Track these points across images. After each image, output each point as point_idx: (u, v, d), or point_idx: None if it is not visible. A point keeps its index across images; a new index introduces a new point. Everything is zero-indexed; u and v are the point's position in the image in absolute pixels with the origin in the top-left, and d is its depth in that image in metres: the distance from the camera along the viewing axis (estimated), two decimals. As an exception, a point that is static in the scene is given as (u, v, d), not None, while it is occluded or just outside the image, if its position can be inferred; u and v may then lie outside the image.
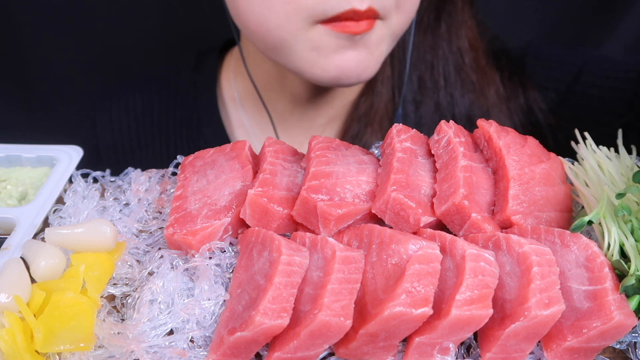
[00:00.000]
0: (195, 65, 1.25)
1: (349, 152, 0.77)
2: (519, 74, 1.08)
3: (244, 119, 1.21)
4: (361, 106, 1.14)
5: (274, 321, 0.57)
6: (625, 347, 0.63)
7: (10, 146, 0.87)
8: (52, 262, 0.65)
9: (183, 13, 1.59)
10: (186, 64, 1.26)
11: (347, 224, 0.70)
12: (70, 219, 0.76)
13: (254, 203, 0.69)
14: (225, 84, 1.23)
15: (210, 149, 0.82)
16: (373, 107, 1.13)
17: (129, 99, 1.25)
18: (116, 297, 0.68)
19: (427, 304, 0.57)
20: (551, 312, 0.58)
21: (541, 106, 1.12)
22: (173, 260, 0.69)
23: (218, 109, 1.21)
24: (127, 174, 0.83)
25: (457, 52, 1.10)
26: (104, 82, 1.38)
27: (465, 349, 0.63)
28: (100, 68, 1.58)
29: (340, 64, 0.94)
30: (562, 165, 0.75)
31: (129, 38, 1.54)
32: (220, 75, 1.24)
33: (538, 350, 0.62)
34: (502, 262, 0.62)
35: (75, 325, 0.59)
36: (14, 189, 0.82)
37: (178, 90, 1.24)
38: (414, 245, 0.61)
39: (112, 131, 1.25)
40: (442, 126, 0.75)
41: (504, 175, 0.70)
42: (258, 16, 0.93)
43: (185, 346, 0.61)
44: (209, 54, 1.26)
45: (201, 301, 0.64)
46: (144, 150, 1.24)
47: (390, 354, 0.61)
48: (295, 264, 0.61)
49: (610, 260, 0.63)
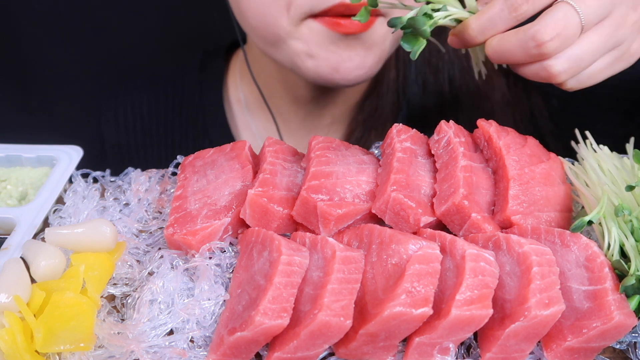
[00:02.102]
0: (201, 65, 1.25)
1: (349, 152, 0.77)
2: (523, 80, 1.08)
3: (250, 121, 1.21)
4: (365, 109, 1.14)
5: (274, 321, 0.57)
6: (625, 347, 0.63)
7: (10, 146, 0.87)
8: (52, 262, 0.65)
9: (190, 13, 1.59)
10: (192, 64, 1.26)
11: (347, 224, 0.70)
12: (70, 219, 0.76)
13: (254, 203, 0.69)
14: (232, 85, 1.23)
15: (210, 149, 0.82)
16: (377, 110, 1.12)
17: (135, 99, 1.25)
18: (116, 297, 0.68)
19: (427, 304, 0.57)
20: (551, 312, 0.58)
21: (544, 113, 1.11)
22: (173, 260, 0.69)
23: (224, 109, 1.20)
24: (127, 174, 0.83)
25: (462, 56, 1.10)
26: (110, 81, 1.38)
27: (465, 349, 0.63)
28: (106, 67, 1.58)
29: (334, 64, 0.93)
30: (562, 165, 0.75)
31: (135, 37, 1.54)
32: (226, 76, 1.24)
33: (538, 350, 0.62)
34: (502, 262, 0.62)
35: (75, 325, 0.59)
36: (14, 189, 0.82)
37: (184, 90, 1.24)
38: (414, 245, 0.61)
39: (118, 130, 1.25)
40: (442, 126, 0.75)
41: (504, 175, 0.70)
42: (255, 11, 0.94)
43: (185, 346, 0.61)
44: (216, 55, 1.25)
45: (201, 301, 0.64)
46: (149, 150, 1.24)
47: (390, 354, 0.61)
48: (295, 264, 0.61)
49: (610, 260, 0.63)
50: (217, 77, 1.23)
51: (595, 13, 0.68)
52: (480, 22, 0.73)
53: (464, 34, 0.75)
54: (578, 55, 0.70)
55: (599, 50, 0.70)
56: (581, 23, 0.68)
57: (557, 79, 0.71)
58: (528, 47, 0.69)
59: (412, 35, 0.70)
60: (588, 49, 0.70)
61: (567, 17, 0.67)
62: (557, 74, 0.70)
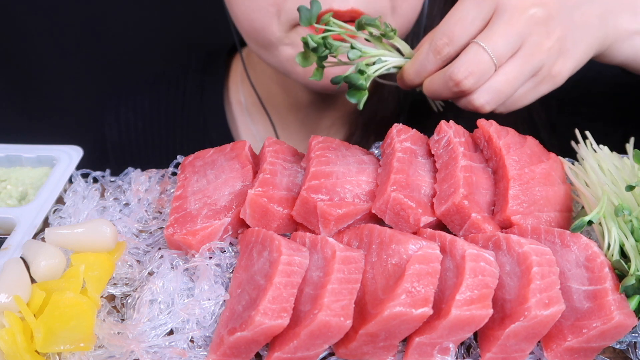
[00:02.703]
0: (203, 67, 1.25)
1: (349, 152, 0.77)
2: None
3: (250, 122, 1.21)
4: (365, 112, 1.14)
5: (274, 321, 0.57)
6: (625, 347, 0.63)
7: (10, 146, 0.87)
8: (52, 262, 0.65)
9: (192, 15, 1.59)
10: (194, 65, 1.26)
11: (347, 224, 0.70)
12: (70, 219, 0.76)
13: (254, 203, 0.69)
14: (233, 87, 1.23)
15: (210, 149, 0.82)
16: (378, 114, 1.12)
17: (137, 99, 1.25)
18: (116, 297, 0.68)
19: (427, 304, 0.57)
20: (551, 312, 0.58)
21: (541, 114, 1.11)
22: (173, 260, 0.69)
23: (224, 111, 1.21)
24: (127, 174, 0.84)
25: None
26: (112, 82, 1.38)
27: (465, 349, 0.63)
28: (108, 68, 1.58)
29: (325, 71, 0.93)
30: (562, 165, 0.75)
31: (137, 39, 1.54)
32: (227, 78, 1.24)
33: (538, 350, 0.62)
34: (502, 262, 0.62)
35: (75, 325, 0.59)
36: (14, 189, 0.82)
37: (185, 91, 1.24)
38: (414, 245, 0.61)
39: (120, 131, 1.25)
40: (442, 126, 0.75)
41: (504, 175, 0.70)
42: (247, 17, 0.94)
43: (185, 346, 0.61)
44: (217, 57, 1.25)
45: (201, 301, 0.64)
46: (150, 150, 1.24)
47: (390, 354, 0.61)
48: (295, 264, 0.61)
49: (610, 260, 0.63)
50: (218, 79, 1.23)
51: (505, 48, 0.73)
52: (413, 67, 0.80)
53: (404, 78, 0.83)
54: (496, 88, 0.75)
55: (517, 79, 0.75)
56: (492, 59, 0.73)
57: (482, 110, 0.77)
58: (449, 86, 0.76)
59: (354, 89, 0.78)
60: (505, 79, 0.75)
61: (477, 55, 0.73)
62: (480, 106, 0.77)
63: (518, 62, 0.75)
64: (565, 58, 0.77)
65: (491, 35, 0.74)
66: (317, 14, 0.81)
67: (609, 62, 0.84)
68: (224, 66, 1.24)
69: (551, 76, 0.78)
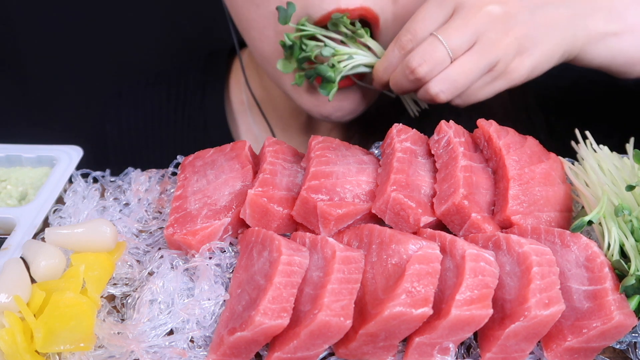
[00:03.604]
0: (204, 66, 1.25)
1: (349, 152, 0.77)
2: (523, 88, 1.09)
3: (251, 122, 1.21)
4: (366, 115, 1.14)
5: (274, 321, 0.57)
6: (625, 347, 0.63)
7: (10, 146, 0.87)
8: (52, 262, 0.65)
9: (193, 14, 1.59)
10: (195, 65, 1.26)
11: (347, 224, 0.70)
12: (70, 219, 0.76)
13: (254, 203, 0.69)
14: (234, 87, 1.23)
15: (210, 149, 0.82)
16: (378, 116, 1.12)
17: (137, 99, 1.25)
18: (116, 297, 0.68)
19: (427, 304, 0.57)
20: (551, 312, 0.57)
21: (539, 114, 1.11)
22: (173, 260, 0.69)
23: (225, 111, 1.20)
24: (127, 174, 0.83)
25: None
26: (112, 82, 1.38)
27: (465, 349, 0.63)
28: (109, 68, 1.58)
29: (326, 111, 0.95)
30: (562, 165, 0.75)
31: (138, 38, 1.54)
32: (229, 78, 1.24)
33: (538, 350, 0.62)
34: (502, 262, 0.62)
35: (75, 325, 0.59)
36: (14, 189, 0.82)
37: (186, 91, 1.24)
38: (414, 245, 0.61)
39: (120, 131, 1.25)
40: (442, 126, 0.75)
41: (504, 175, 0.70)
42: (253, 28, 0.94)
43: (185, 346, 0.61)
44: (219, 56, 1.25)
45: (201, 301, 0.64)
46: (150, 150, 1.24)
47: (390, 354, 0.61)
48: (295, 264, 0.61)
49: (610, 260, 0.63)
50: (220, 79, 1.22)
51: (459, 40, 0.77)
52: (383, 64, 0.85)
53: (375, 76, 0.87)
54: (451, 77, 0.78)
55: (472, 70, 0.78)
56: (447, 50, 0.77)
57: (438, 99, 0.80)
58: (406, 75, 0.80)
59: (325, 82, 0.85)
60: (461, 70, 0.78)
61: (432, 45, 0.77)
62: (435, 94, 0.80)
63: (474, 55, 0.77)
64: (523, 56, 0.79)
65: (447, 28, 0.77)
66: (292, 14, 0.85)
67: (587, 65, 0.85)
68: (225, 66, 1.24)
69: (508, 72, 0.80)
